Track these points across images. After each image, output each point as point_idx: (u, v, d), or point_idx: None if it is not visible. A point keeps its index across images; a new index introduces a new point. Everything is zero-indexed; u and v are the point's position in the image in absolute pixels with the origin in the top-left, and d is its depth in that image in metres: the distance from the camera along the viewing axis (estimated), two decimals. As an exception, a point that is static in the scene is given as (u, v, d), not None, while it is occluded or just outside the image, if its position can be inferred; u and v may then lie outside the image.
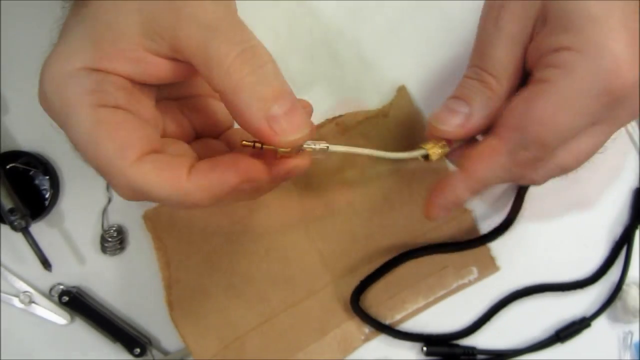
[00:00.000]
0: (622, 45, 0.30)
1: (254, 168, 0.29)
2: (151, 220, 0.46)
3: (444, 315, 0.48)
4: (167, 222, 0.46)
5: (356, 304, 0.46)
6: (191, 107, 0.35)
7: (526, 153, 0.32)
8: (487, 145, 0.33)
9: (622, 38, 0.30)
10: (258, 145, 0.29)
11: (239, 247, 0.46)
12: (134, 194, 0.29)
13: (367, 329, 0.47)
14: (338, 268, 0.47)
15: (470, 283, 0.47)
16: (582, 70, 0.31)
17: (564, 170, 0.35)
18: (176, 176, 0.28)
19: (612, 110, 0.32)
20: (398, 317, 0.47)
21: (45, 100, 0.30)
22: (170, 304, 0.45)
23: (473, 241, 0.47)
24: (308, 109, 0.34)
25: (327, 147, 0.30)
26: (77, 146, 0.29)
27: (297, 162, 0.30)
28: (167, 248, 0.46)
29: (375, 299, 0.47)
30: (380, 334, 0.47)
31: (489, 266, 0.48)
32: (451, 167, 0.44)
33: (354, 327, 0.47)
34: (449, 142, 0.36)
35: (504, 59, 0.34)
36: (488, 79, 0.34)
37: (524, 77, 0.35)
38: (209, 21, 0.28)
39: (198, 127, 0.36)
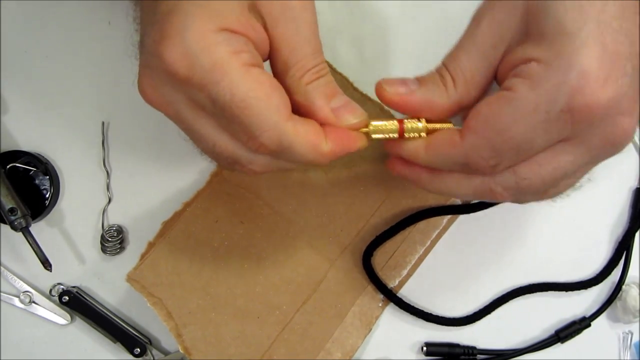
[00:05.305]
0: (593, 62, 0.29)
1: (360, 138, 0.35)
2: (136, 281, 0.46)
3: (446, 310, 0.48)
4: (152, 276, 0.46)
5: (367, 262, 0.46)
6: None
7: (480, 156, 0.32)
8: (450, 136, 0.34)
9: (594, 54, 0.29)
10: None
11: (231, 269, 0.46)
12: (277, 148, 0.32)
13: (381, 295, 0.47)
14: (332, 251, 0.47)
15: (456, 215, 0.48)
16: (546, 83, 0.30)
17: (524, 185, 0.33)
18: (319, 139, 0.33)
19: (580, 130, 0.31)
20: (404, 272, 0.47)
21: (188, 57, 0.30)
22: (187, 350, 0.45)
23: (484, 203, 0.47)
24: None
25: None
26: (230, 101, 0.31)
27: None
28: (163, 300, 0.45)
29: (379, 265, 0.47)
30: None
31: None
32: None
33: (368, 298, 0.47)
34: (400, 122, 0.36)
35: (468, 68, 0.34)
36: (447, 77, 0.34)
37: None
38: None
39: None
